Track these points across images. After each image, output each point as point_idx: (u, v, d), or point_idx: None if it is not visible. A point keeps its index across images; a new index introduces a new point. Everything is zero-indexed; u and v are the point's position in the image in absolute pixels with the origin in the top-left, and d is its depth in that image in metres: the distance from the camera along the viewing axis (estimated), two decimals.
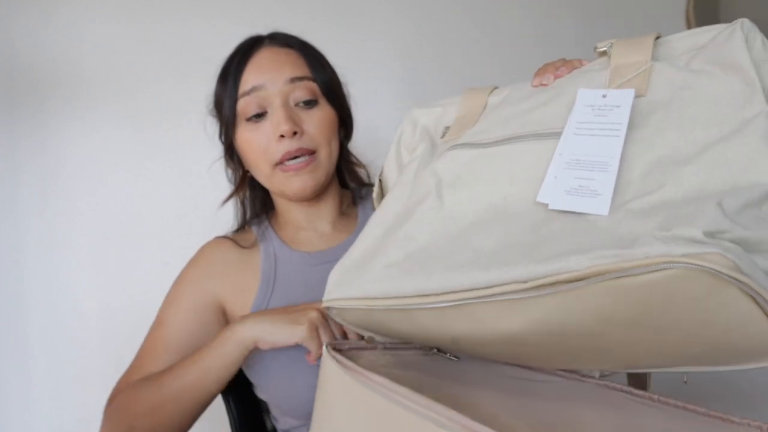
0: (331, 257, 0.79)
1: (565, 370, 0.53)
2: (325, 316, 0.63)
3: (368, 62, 1.34)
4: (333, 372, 0.51)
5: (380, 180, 0.68)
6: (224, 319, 0.78)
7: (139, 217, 1.31)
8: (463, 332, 0.47)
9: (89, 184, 1.29)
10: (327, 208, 0.82)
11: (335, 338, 0.62)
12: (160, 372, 0.70)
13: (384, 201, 0.59)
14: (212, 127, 0.84)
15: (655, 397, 0.46)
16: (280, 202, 0.83)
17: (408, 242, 0.51)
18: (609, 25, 1.54)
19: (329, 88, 0.77)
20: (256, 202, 0.86)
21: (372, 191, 0.87)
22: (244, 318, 0.67)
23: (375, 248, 0.54)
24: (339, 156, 0.81)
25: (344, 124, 0.81)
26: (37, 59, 1.26)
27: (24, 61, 1.26)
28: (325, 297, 0.55)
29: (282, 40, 0.78)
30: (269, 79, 0.73)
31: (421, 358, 0.62)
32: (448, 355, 0.60)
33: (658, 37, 0.48)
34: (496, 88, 0.61)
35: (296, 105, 0.74)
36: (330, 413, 0.50)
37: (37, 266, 1.28)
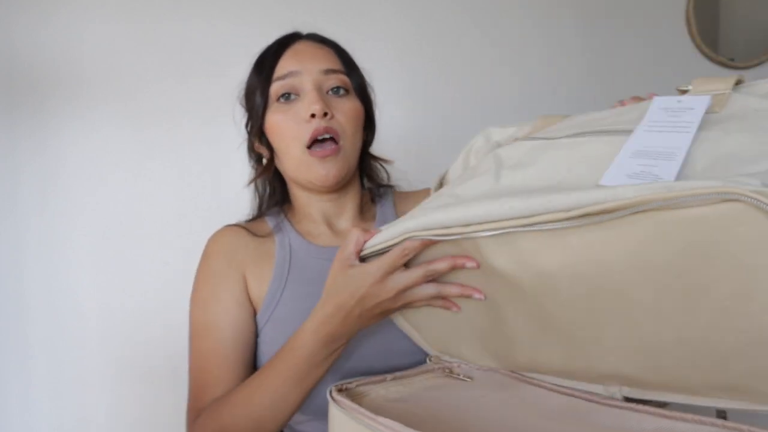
0: None
1: (583, 393, 0.52)
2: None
3: (368, 62, 1.34)
4: (338, 418, 0.52)
5: (441, 181, 0.69)
6: None
7: (139, 217, 1.31)
8: (502, 269, 0.46)
9: (89, 184, 1.29)
10: (347, 204, 0.83)
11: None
12: (243, 387, 0.68)
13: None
14: (240, 116, 0.84)
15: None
16: (299, 195, 0.82)
17: (452, 198, 0.52)
18: (609, 25, 1.54)
19: (360, 86, 0.79)
20: (276, 193, 0.86)
21: (390, 191, 0.88)
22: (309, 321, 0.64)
23: (421, 209, 0.54)
24: (362, 155, 0.82)
25: (369, 123, 0.83)
26: (37, 59, 1.26)
27: (24, 61, 1.26)
28: (368, 244, 0.56)
29: (318, 38, 0.80)
30: (304, 67, 0.74)
31: (433, 382, 0.62)
32: (461, 376, 0.61)
33: (739, 82, 0.48)
34: (568, 116, 0.62)
35: (327, 92, 0.75)
36: None
37: (37, 266, 1.28)
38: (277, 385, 0.64)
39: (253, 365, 0.76)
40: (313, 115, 0.72)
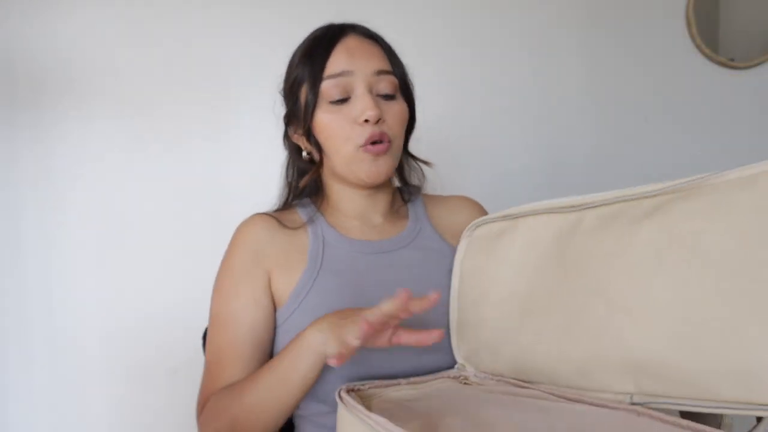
0: (381, 248, 0.80)
1: (593, 400, 0.52)
2: (363, 335, 0.60)
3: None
4: (342, 416, 0.54)
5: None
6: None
7: (139, 216, 1.31)
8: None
9: (89, 184, 1.29)
10: (382, 200, 0.84)
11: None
12: (240, 382, 0.70)
13: None
14: (280, 107, 0.84)
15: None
16: (335, 189, 0.83)
17: None
18: (609, 25, 1.54)
19: (404, 85, 0.80)
20: (310, 184, 0.86)
21: (419, 191, 0.89)
22: (315, 324, 0.66)
23: None
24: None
25: (411, 120, 0.84)
26: (36, 59, 1.26)
27: (23, 60, 1.26)
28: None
29: (365, 32, 0.79)
30: (358, 67, 0.74)
31: (447, 385, 0.65)
32: (474, 384, 0.63)
33: None
34: None
35: (377, 95, 0.75)
36: None
37: (37, 266, 1.28)
38: (262, 385, 0.67)
39: (268, 356, 0.77)
40: (366, 120, 0.73)
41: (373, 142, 0.74)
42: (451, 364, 0.73)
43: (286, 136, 0.84)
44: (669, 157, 1.57)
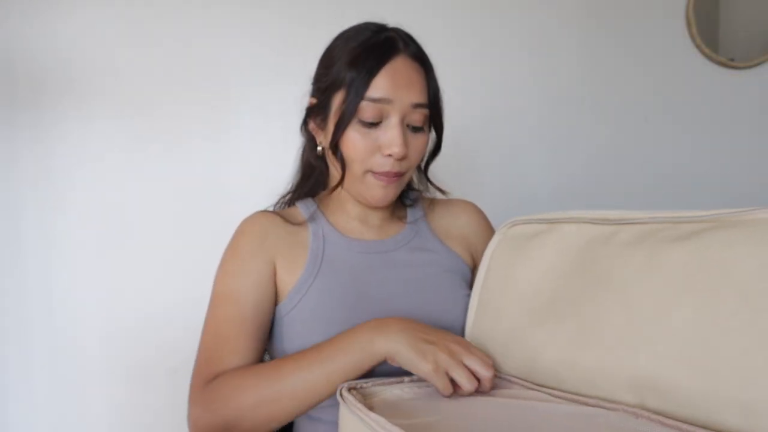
0: (379, 249, 0.81)
1: (597, 401, 0.53)
2: (456, 354, 0.60)
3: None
4: (344, 416, 0.54)
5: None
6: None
7: (139, 216, 1.31)
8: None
9: (89, 184, 1.29)
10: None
11: (465, 379, 0.58)
12: (275, 364, 0.68)
13: None
14: (303, 101, 0.82)
15: None
16: (341, 193, 0.83)
17: None
18: (609, 25, 1.54)
19: (435, 111, 0.79)
20: (318, 184, 0.87)
21: (419, 194, 0.90)
22: (382, 326, 0.65)
23: None
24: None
25: (437, 145, 0.84)
26: (36, 59, 1.26)
27: (23, 60, 1.26)
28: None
29: (414, 52, 0.77)
30: (398, 96, 0.73)
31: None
32: None
33: None
34: None
35: (407, 125, 0.75)
36: None
37: (37, 266, 1.28)
38: (307, 373, 0.64)
39: (266, 344, 0.77)
40: (390, 155, 0.73)
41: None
42: None
43: (305, 124, 0.83)
44: (669, 157, 1.57)
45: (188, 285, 1.20)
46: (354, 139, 0.74)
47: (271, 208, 0.88)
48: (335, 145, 0.76)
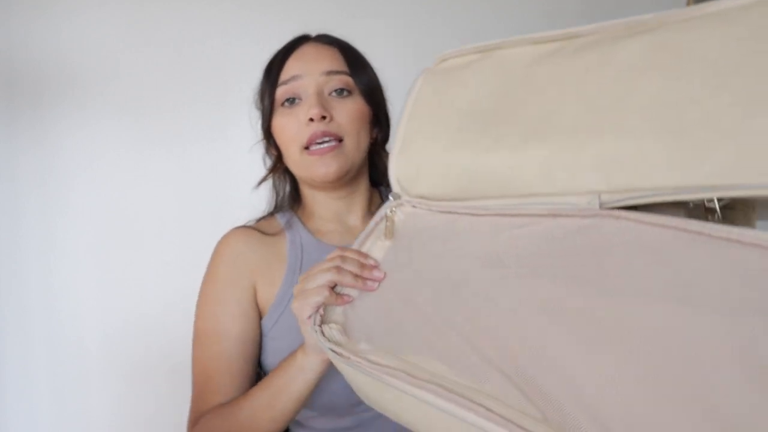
0: None
1: (555, 210, 0.49)
2: (305, 281, 0.59)
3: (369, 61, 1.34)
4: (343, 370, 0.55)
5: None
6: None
7: (139, 216, 1.31)
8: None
9: (90, 184, 1.29)
10: (357, 202, 0.83)
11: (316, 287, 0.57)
12: (234, 401, 0.69)
13: None
14: (255, 118, 0.84)
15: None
16: (309, 194, 0.83)
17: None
18: None
19: (366, 86, 0.79)
20: (290, 191, 0.87)
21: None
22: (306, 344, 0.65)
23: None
24: (372, 153, 0.83)
25: (379, 123, 0.82)
26: (36, 58, 1.26)
27: (24, 60, 1.26)
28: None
29: (325, 39, 0.80)
30: (307, 70, 0.75)
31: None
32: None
33: None
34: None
35: (329, 94, 0.76)
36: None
37: (37, 266, 1.28)
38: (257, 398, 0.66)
39: (255, 374, 0.76)
40: (311, 119, 0.73)
41: (318, 142, 0.74)
42: None
43: (267, 150, 0.84)
44: None
45: (188, 285, 1.20)
46: (280, 122, 0.76)
47: (252, 222, 0.86)
48: (269, 136, 0.78)
